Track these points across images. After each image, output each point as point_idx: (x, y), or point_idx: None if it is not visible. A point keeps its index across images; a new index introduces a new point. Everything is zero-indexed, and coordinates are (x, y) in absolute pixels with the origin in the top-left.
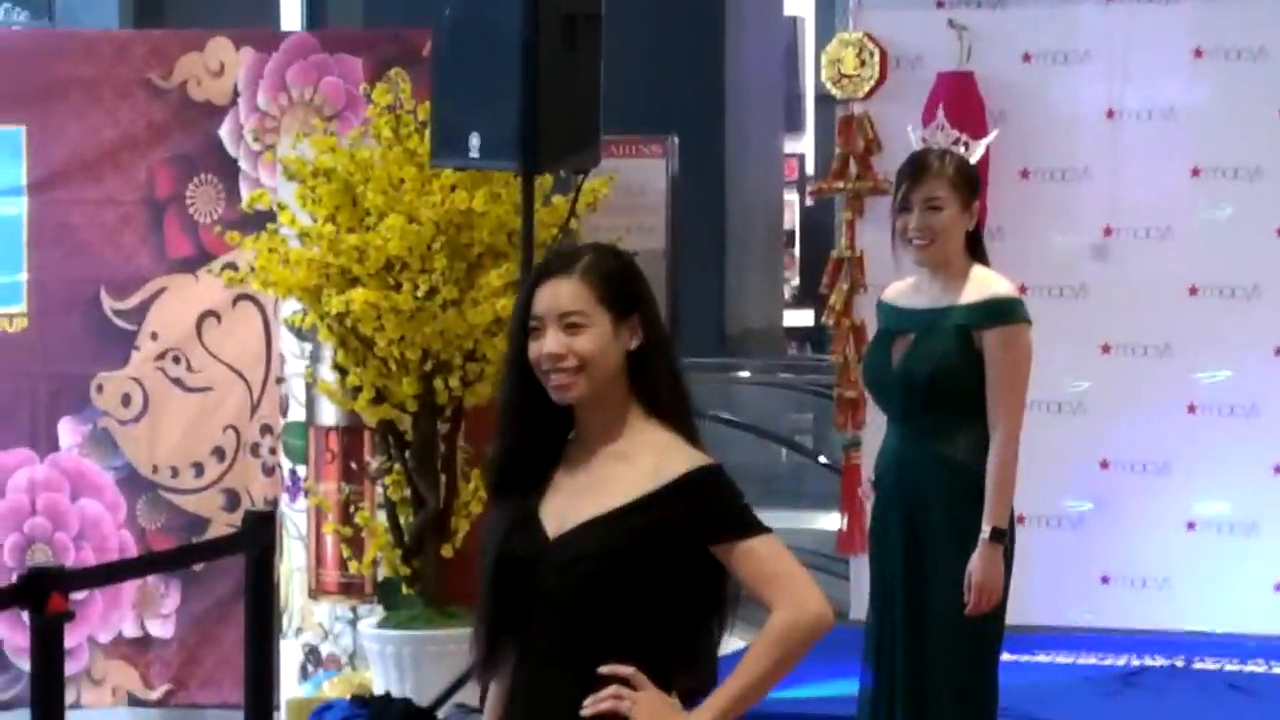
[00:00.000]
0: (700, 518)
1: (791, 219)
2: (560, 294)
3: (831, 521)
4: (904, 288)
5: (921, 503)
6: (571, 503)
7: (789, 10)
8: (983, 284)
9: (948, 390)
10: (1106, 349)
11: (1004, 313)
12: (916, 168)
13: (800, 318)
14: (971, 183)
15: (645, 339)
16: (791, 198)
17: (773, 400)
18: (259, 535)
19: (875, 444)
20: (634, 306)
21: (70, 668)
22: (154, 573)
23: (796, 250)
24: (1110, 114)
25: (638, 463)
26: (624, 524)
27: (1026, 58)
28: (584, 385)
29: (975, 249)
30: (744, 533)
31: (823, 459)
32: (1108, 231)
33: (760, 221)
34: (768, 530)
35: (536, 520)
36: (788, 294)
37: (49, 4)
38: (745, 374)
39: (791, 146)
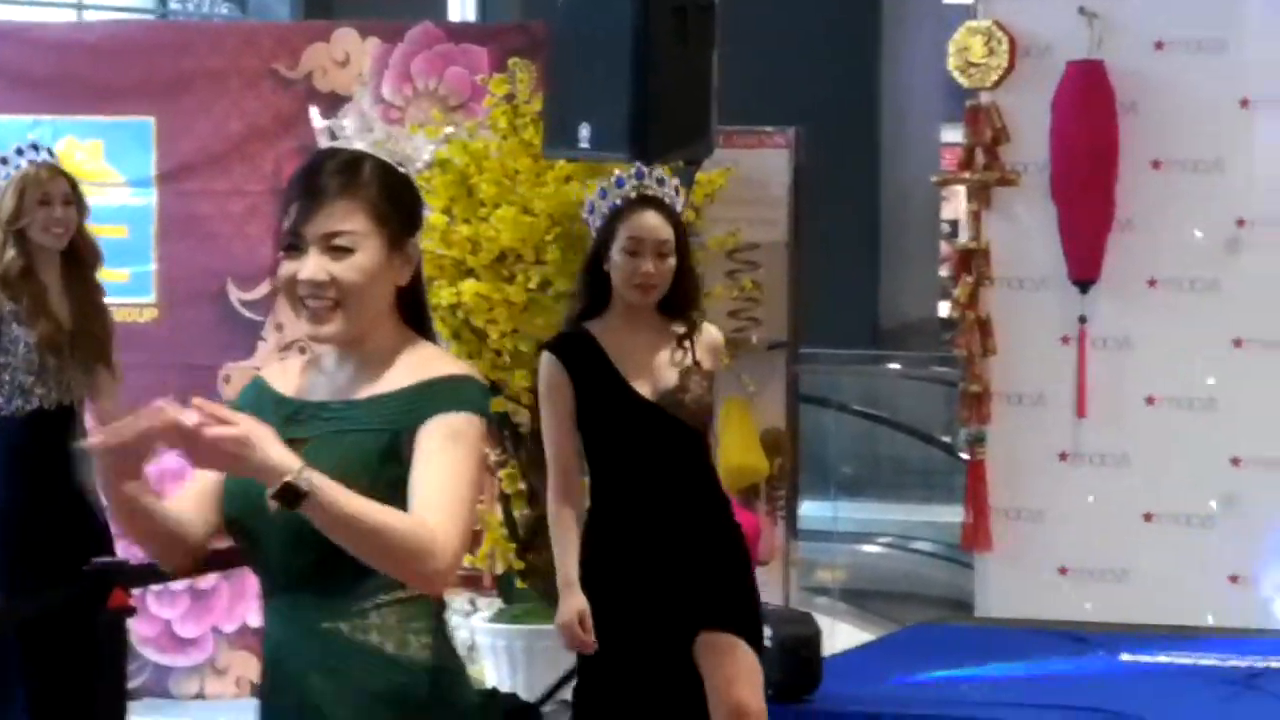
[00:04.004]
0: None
1: (955, 210)
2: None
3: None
4: (294, 369)
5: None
6: None
7: None
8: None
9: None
10: (1238, 343)
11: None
12: (308, 184)
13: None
14: (404, 205)
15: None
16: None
17: (925, 392)
18: None
19: (1001, 440)
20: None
21: (195, 658)
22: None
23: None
24: (1244, 103)
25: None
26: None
27: (1159, 45)
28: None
29: (415, 315)
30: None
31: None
32: (1240, 223)
33: (915, 212)
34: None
35: None
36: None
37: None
38: (895, 366)
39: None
